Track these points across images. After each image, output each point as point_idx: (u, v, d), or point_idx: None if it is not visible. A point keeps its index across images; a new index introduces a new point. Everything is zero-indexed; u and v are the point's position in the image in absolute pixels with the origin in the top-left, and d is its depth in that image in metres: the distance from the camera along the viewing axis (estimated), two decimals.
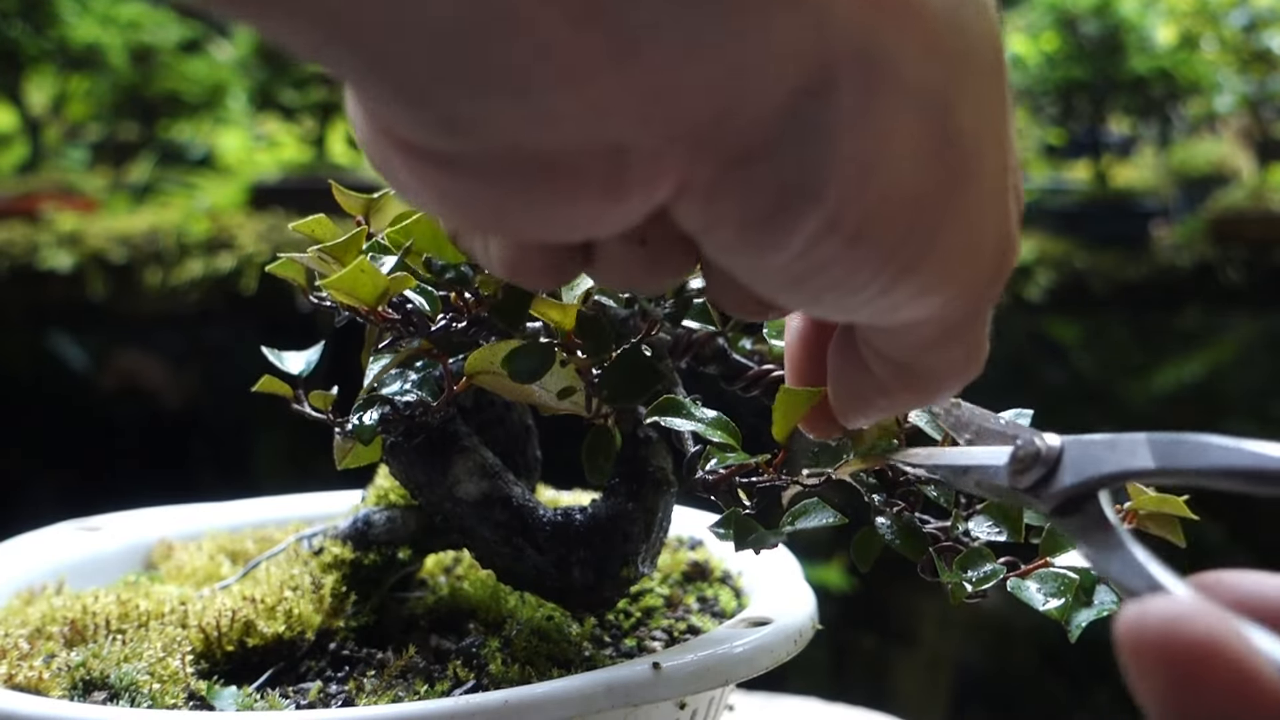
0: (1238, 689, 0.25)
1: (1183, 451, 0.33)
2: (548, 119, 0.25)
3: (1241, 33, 2.50)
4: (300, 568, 0.58)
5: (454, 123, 0.25)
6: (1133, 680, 0.26)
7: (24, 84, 2.25)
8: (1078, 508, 0.36)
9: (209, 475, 2.26)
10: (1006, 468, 0.38)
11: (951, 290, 0.31)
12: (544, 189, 0.27)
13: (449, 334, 0.49)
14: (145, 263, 1.97)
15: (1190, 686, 0.25)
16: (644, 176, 0.27)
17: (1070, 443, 0.36)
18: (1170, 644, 0.25)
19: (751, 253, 0.29)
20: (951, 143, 0.29)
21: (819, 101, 0.26)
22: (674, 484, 0.54)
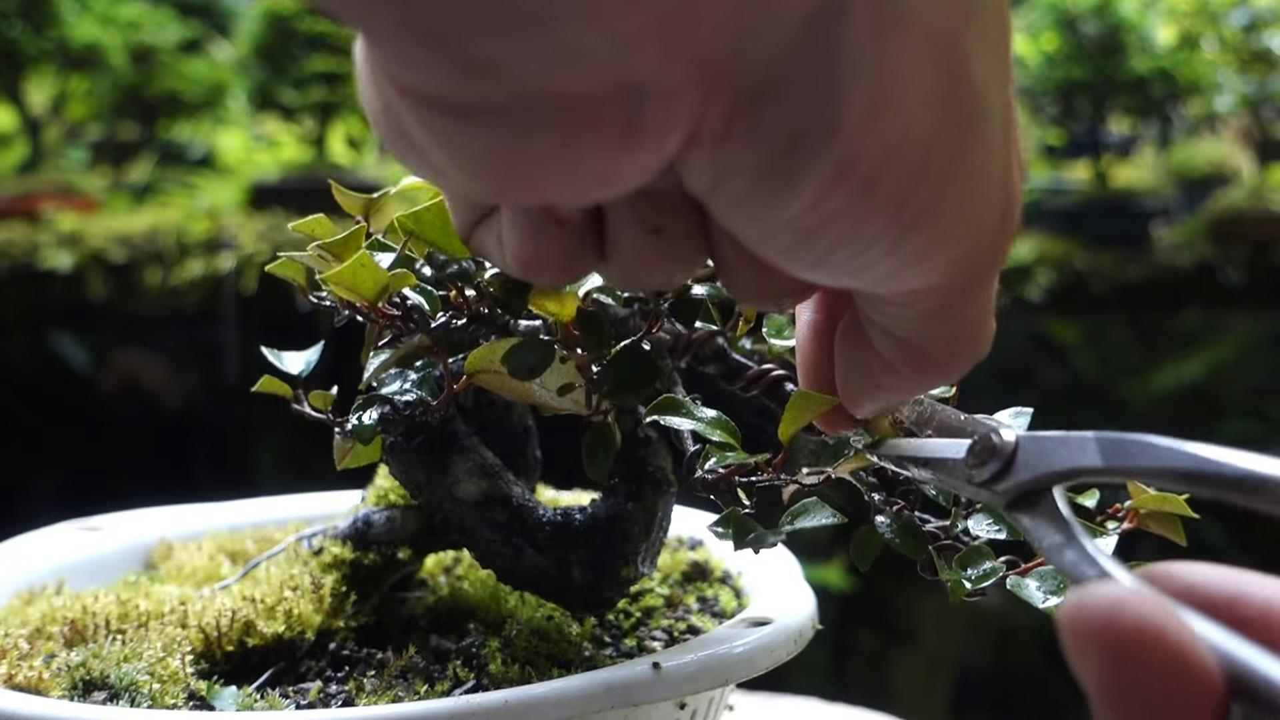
0: (1174, 673, 0.25)
1: (1128, 451, 0.33)
2: (568, 56, 0.25)
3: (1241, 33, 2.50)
4: (300, 568, 0.58)
5: (474, 66, 0.26)
6: (1073, 664, 0.26)
7: (24, 84, 2.25)
8: (1032, 502, 0.36)
9: (209, 475, 2.26)
10: (964, 461, 0.38)
11: (956, 248, 0.31)
12: (561, 136, 0.27)
13: (449, 331, 0.49)
14: (145, 263, 1.97)
15: (1127, 670, 0.25)
16: (659, 118, 0.27)
17: (1025, 439, 0.37)
18: (1108, 628, 0.25)
19: (762, 204, 0.29)
20: (961, 86, 0.29)
21: (830, 33, 0.27)
22: (674, 484, 0.54)
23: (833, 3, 0.26)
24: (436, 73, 0.26)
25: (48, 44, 2.18)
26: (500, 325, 0.51)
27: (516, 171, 0.28)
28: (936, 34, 0.28)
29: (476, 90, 0.26)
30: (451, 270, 0.48)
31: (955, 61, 0.29)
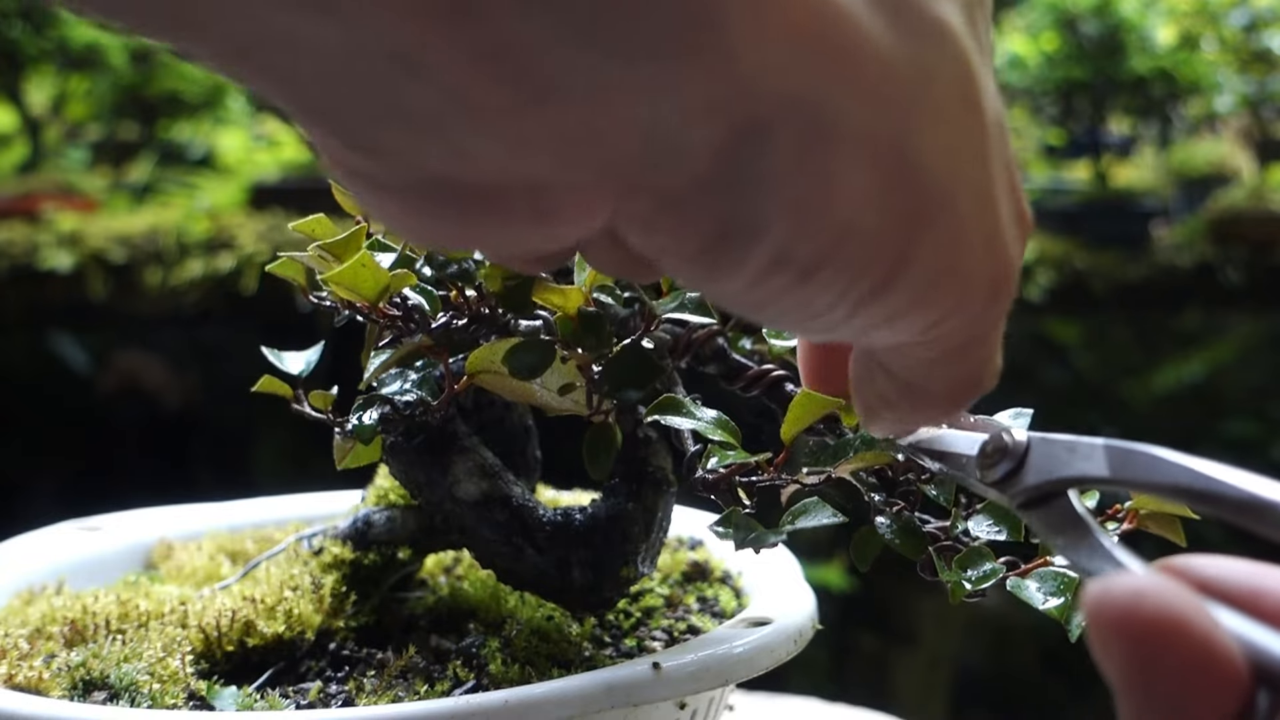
0: (1198, 663, 0.25)
1: (1135, 463, 0.34)
2: (464, 155, 0.25)
3: (1241, 33, 2.50)
4: (300, 568, 0.58)
5: (370, 150, 0.25)
6: (1097, 655, 0.26)
7: (24, 84, 2.25)
8: (1046, 502, 0.36)
9: (209, 475, 2.26)
10: (975, 460, 0.38)
11: (935, 313, 0.31)
12: (472, 215, 0.27)
13: (449, 331, 0.49)
14: (145, 263, 1.97)
15: (1151, 660, 0.25)
16: (572, 207, 0.26)
17: (1036, 440, 0.37)
18: (1132, 618, 0.25)
19: (700, 280, 0.29)
20: (907, 182, 0.28)
21: (753, 152, 0.26)
22: (674, 484, 0.54)
23: (749, 130, 0.25)
24: (336, 149, 0.26)
25: (48, 44, 2.18)
26: (501, 325, 0.51)
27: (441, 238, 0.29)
28: (871, 136, 0.27)
29: (377, 169, 0.26)
30: (451, 270, 0.48)
31: (897, 161, 0.28)
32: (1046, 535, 0.36)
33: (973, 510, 0.49)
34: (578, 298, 0.47)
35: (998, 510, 0.49)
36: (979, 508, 0.49)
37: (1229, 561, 0.29)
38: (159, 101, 2.27)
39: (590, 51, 0.23)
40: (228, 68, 0.25)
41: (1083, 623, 0.45)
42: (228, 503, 0.73)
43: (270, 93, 0.25)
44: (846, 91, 0.26)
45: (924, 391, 0.35)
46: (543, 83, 0.24)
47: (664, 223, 0.27)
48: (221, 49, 0.24)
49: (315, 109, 0.25)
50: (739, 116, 0.25)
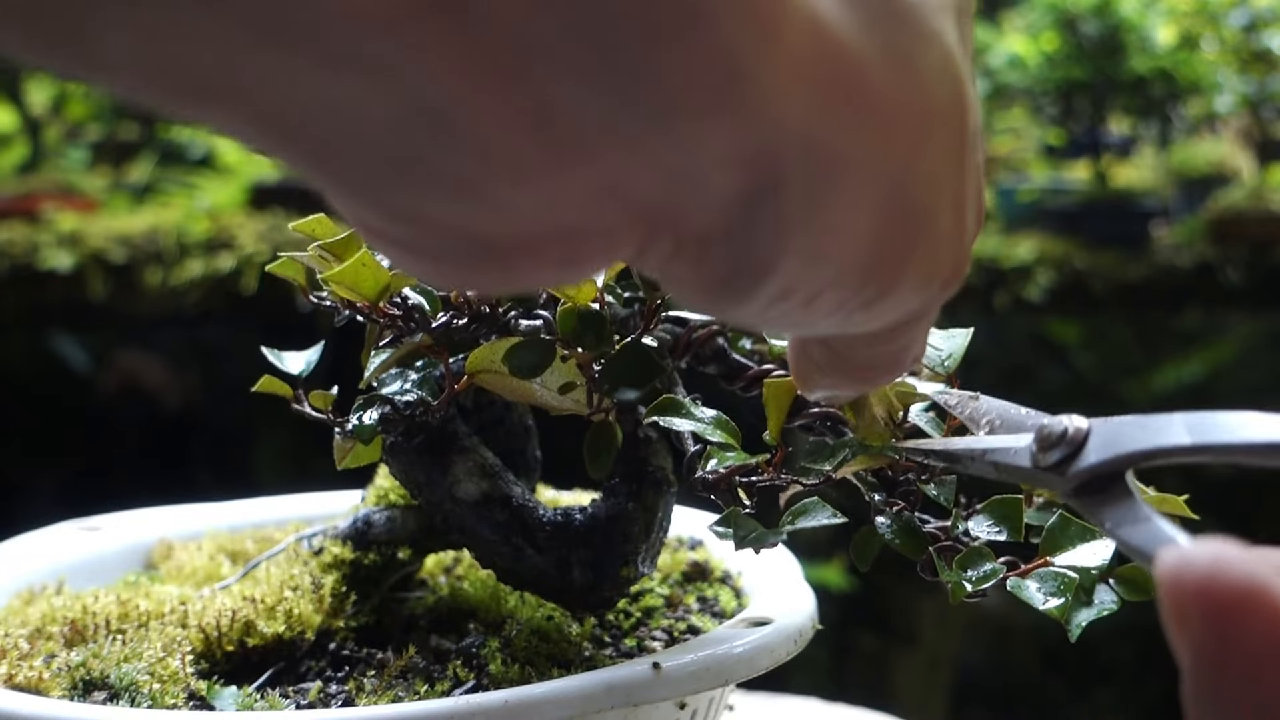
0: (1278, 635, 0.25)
1: (1218, 427, 0.33)
2: (498, 213, 0.25)
3: (1241, 33, 2.50)
4: (300, 568, 0.58)
5: (401, 216, 0.26)
6: (1170, 628, 0.26)
7: (24, 84, 2.25)
8: (1102, 487, 0.36)
9: (209, 475, 2.26)
10: (1029, 448, 0.38)
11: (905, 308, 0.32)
12: (502, 268, 0.27)
13: (449, 331, 0.49)
14: (145, 263, 1.97)
15: (1230, 631, 0.25)
16: (601, 250, 0.27)
17: (1098, 424, 0.36)
18: (1213, 587, 0.25)
19: (709, 307, 0.31)
20: (905, 212, 0.29)
21: (769, 197, 0.27)
22: (674, 484, 0.54)
23: (767, 178, 0.26)
24: (365, 215, 0.27)
25: None
26: (501, 325, 0.51)
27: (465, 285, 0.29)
28: (877, 181, 0.28)
29: (408, 234, 0.27)
30: None
31: (899, 196, 0.29)
32: (1098, 519, 0.35)
33: (973, 510, 0.49)
34: (591, 290, 0.47)
35: (998, 510, 0.49)
36: (979, 508, 0.49)
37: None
38: None
39: (629, 111, 0.24)
40: (262, 140, 0.25)
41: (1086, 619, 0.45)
42: (228, 503, 0.73)
43: (308, 165, 0.25)
44: (859, 137, 0.27)
45: (848, 363, 0.37)
46: (584, 140, 0.24)
47: (682, 262, 0.28)
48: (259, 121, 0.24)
49: (354, 181, 0.25)
50: (760, 166, 0.26)
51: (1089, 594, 0.46)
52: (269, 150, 0.25)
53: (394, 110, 0.24)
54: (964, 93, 0.30)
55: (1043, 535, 0.48)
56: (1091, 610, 0.46)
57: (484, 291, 0.31)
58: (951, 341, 0.49)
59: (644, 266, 0.29)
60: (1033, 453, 0.38)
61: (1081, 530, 0.47)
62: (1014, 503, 0.49)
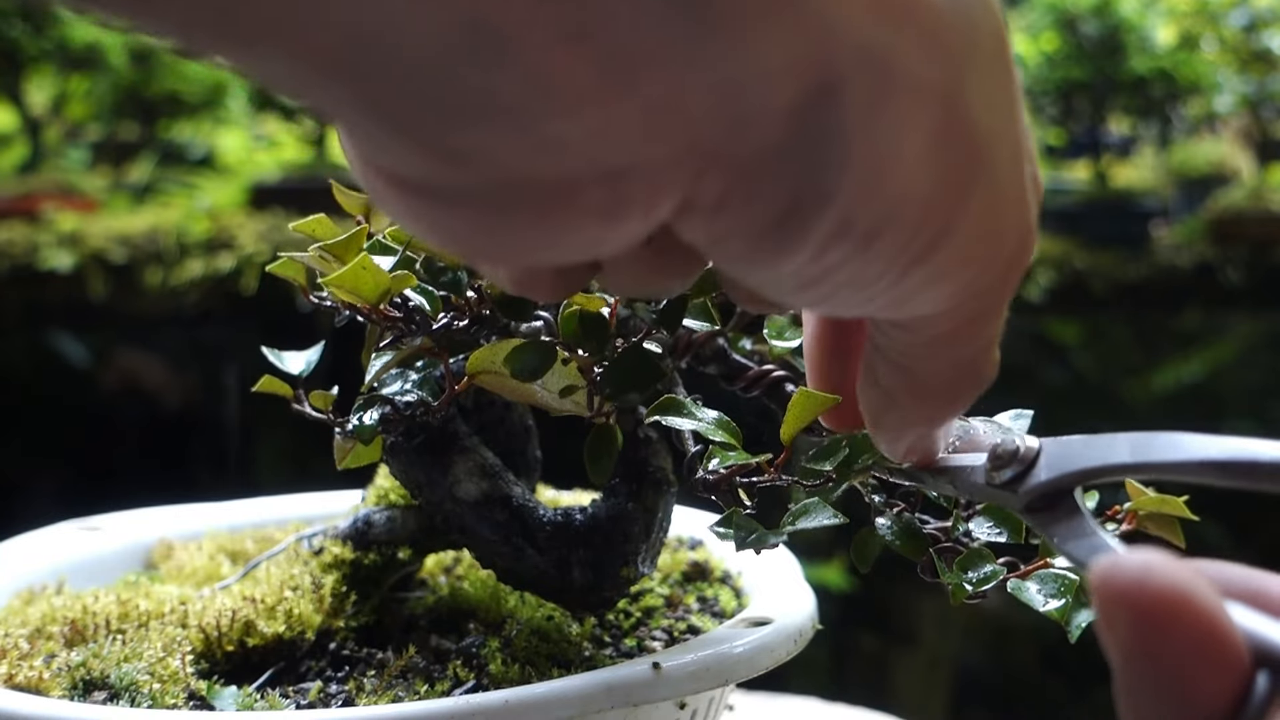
0: (1203, 640, 0.25)
1: (1157, 447, 0.34)
2: (547, 147, 0.25)
3: (1241, 33, 2.50)
4: (300, 568, 0.58)
5: (449, 155, 0.25)
6: (1100, 629, 0.26)
7: (24, 84, 2.25)
8: (1051, 504, 0.37)
9: (209, 475, 2.26)
10: (984, 466, 0.39)
11: (964, 277, 0.31)
12: (542, 218, 0.26)
13: (450, 332, 0.49)
14: (145, 263, 1.97)
15: (1156, 635, 0.25)
16: (645, 198, 0.26)
17: (1048, 443, 0.38)
18: (1140, 592, 0.25)
19: (762, 261, 0.29)
20: (962, 137, 0.28)
21: (826, 106, 0.26)
22: (674, 484, 0.54)
23: (825, 78, 0.26)
24: (410, 159, 0.26)
25: (48, 44, 2.18)
26: (501, 326, 0.51)
27: (497, 245, 0.28)
28: (933, 88, 0.27)
29: (453, 176, 0.26)
30: (446, 279, 0.48)
31: (954, 113, 0.28)
32: (1047, 532, 0.37)
33: (973, 512, 0.49)
34: (599, 300, 0.47)
35: (998, 512, 0.49)
36: (979, 509, 0.49)
37: (1227, 565, 0.29)
38: (159, 101, 2.26)
39: (676, 20, 0.23)
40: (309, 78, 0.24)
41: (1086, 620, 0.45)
42: (228, 503, 0.73)
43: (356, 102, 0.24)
44: (912, 40, 0.27)
45: (925, 383, 0.35)
46: (629, 56, 0.24)
47: (736, 199, 0.27)
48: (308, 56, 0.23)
49: (402, 114, 0.24)
50: (815, 73, 0.26)
51: (1089, 595, 0.46)
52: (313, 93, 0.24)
53: (443, 33, 0.23)
54: (1004, 30, 0.29)
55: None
56: (1091, 611, 0.46)
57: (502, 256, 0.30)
58: None
59: (689, 225, 0.28)
60: (986, 470, 0.39)
61: None
62: None
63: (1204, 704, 0.25)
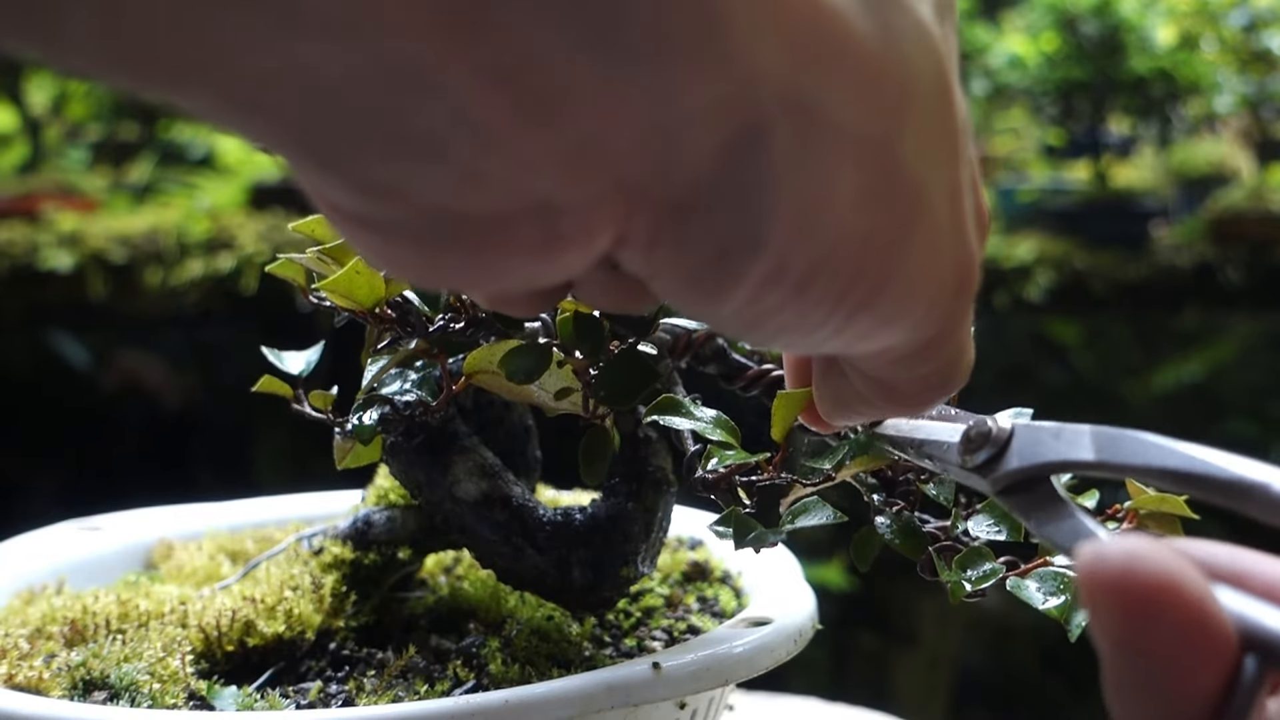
0: (1191, 624, 0.25)
1: (1122, 447, 0.34)
2: (470, 181, 0.25)
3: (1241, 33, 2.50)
4: (300, 568, 0.58)
5: (373, 188, 0.25)
6: (1089, 616, 0.26)
7: (24, 84, 2.25)
8: (1026, 488, 0.37)
9: (209, 475, 2.26)
10: (958, 446, 0.39)
11: (912, 319, 0.31)
12: (476, 250, 0.26)
13: (447, 334, 0.49)
14: (145, 263, 1.97)
15: (1145, 621, 0.25)
16: (579, 231, 0.26)
17: (1021, 427, 0.38)
18: (1127, 579, 0.25)
19: (698, 300, 0.29)
20: (895, 183, 0.28)
21: (753, 151, 0.26)
22: (674, 483, 0.54)
23: (750, 130, 0.25)
24: (341, 193, 0.26)
25: None
26: (499, 329, 0.51)
27: (442, 276, 0.28)
28: (863, 136, 0.27)
29: (383, 209, 0.26)
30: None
31: (887, 162, 0.28)
32: (1023, 515, 0.37)
33: (973, 510, 0.49)
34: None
35: (998, 510, 0.49)
36: (979, 508, 0.49)
37: (1213, 544, 0.29)
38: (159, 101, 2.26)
39: (601, 59, 0.23)
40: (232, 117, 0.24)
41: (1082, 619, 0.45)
42: (228, 503, 0.73)
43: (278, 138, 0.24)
44: (842, 90, 0.26)
45: (897, 391, 0.36)
46: (553, 94, 0.23)
47: (667, 238, 0.27)
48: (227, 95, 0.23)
49: (324, 151, 0.24)
50: (741, 117, 0.25)
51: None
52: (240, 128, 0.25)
53: (360, 69, 0.23)
54: (947, 73, 0.29)
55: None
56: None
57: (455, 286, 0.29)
58: None
59: (628, 260, 0.28)
60: (960, 452, 0.39)
61: None
62: None
63: (1194, 693, 0.25)
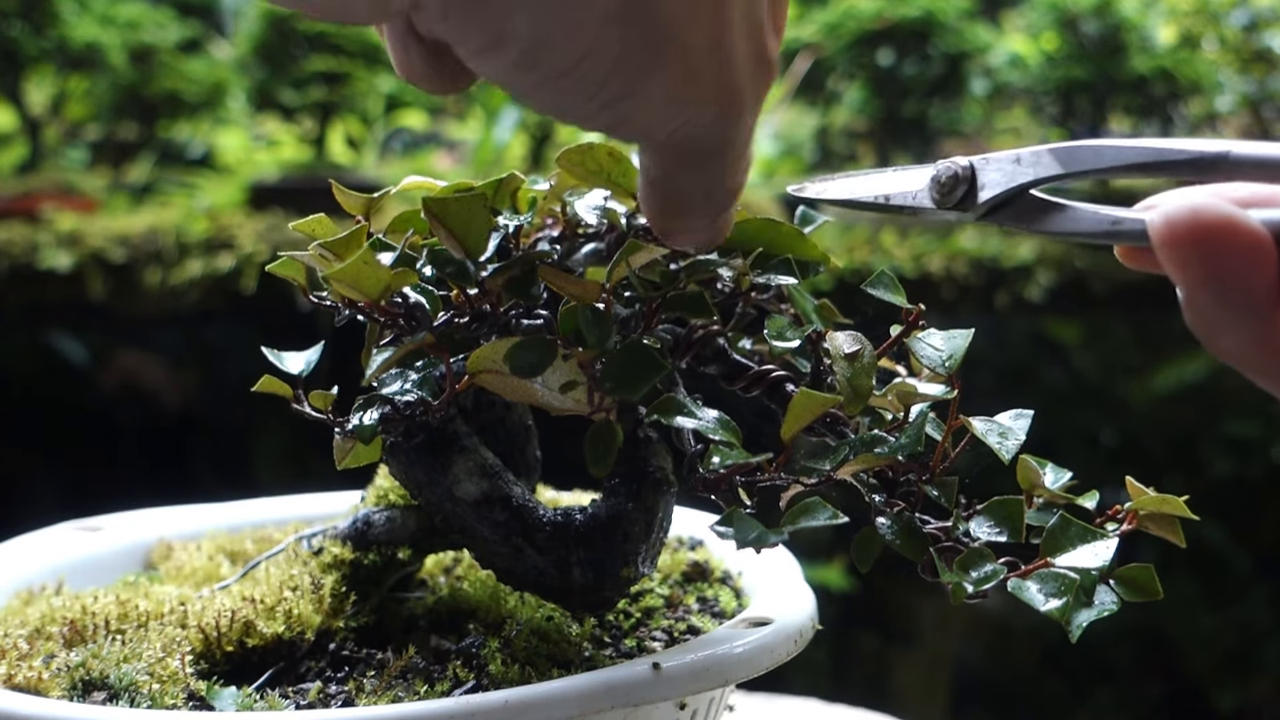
0: (1254, 250, 0.33)
1: (1081, 156, 0.40)
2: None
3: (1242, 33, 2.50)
4: (300, 568, 0.58)
5: None
6: (1169, 267, 0.34)
7: (24, 84, 2.25)
8: (1008, 204, 0.43)
9: (209, 475, 2.25)
10: (928, 190, 0.45)
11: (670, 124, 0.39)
12: None
13: (450, 329, 0.49)
14: (145, 262, 1.97)
15: (1219, 253, 0.33)
16: None
17: (976, 161, 0.44)
18: (1198, 226, 0.33)
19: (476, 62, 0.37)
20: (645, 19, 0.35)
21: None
22: (674, 484, 0.54)
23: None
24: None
25: (47, 44, 2.18)
26: (502, 324, 0.51)
27: None
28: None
29: None
30: (450, 269, 0.48)
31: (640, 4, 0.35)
32: (1023, 224, 0.43)
33: (973, 511, 0.49)
34: (595, 289, 0.47)
35: (999, 511, 0.49)
36: (980, 509, 0.49)
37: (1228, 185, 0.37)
38: (158, 101, 2.26)
39: None
40: None
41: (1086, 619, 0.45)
42: (228, 503, 0.73)
43: None
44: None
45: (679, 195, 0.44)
46: None
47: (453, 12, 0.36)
48: None
49: None
50: None
51: (1089, 595, 0.46)
52: None
53: None
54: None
55: (1043, 536, 0.48)
56: (1092, 611, 0.46)
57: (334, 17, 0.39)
58: (952, 342, 0.49)
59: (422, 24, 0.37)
60: (935, 197, 0.45)
61: (1082, 531, 0.47)
62: (1015, 504, 0.49)
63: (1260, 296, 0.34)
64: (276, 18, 2.12)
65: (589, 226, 0.54)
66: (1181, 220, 0.33)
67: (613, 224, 0.54)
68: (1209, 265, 0.34)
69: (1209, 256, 0.33)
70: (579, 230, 0.55)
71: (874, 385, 0.49)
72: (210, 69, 2.34)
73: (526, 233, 0.53)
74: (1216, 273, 0.34)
